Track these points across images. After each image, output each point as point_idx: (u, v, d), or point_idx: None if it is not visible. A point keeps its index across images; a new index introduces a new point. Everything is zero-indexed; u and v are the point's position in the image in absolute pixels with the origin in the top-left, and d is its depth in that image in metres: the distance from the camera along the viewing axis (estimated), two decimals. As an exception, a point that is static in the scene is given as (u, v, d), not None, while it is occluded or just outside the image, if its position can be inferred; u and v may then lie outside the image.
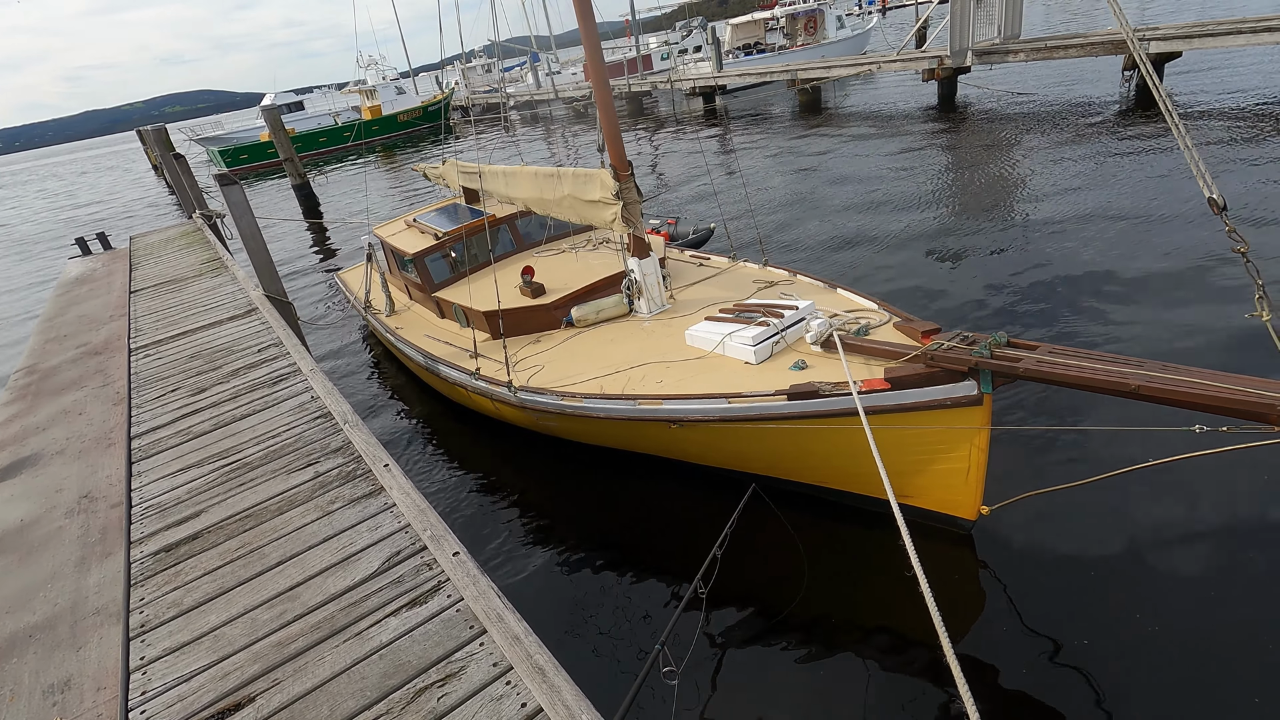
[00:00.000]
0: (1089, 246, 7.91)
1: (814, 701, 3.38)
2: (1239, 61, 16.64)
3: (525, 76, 44.26)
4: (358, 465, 3.85)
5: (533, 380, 5.18)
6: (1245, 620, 3.38)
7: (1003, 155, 12.54)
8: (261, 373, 5.40)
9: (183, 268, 9.74)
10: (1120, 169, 10.48)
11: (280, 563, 3.18)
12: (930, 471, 3.88)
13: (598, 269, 6.40)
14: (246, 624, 2.84)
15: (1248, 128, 11.32)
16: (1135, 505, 4.14)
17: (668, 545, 4.61)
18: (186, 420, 4.81)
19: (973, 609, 3.71)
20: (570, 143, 25.55)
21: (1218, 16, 17.48)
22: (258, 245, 7.79)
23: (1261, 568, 3.63)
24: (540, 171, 6.15)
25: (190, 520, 3.63)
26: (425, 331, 6.92)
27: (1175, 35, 14.22)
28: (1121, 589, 3.65)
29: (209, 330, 6.70)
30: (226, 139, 43.48)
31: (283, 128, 23.47)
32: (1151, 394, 2.81)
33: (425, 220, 7.81)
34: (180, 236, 12.31)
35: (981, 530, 4.12)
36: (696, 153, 18.56)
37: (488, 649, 2.52)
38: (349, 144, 38.27)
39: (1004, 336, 3.41)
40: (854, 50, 32.42)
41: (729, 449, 4.52)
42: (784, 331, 4.53)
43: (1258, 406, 2.57)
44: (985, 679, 3.33)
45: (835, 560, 4.18)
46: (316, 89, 51.03)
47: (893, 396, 3.62)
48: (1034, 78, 19.62)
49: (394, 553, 3.11)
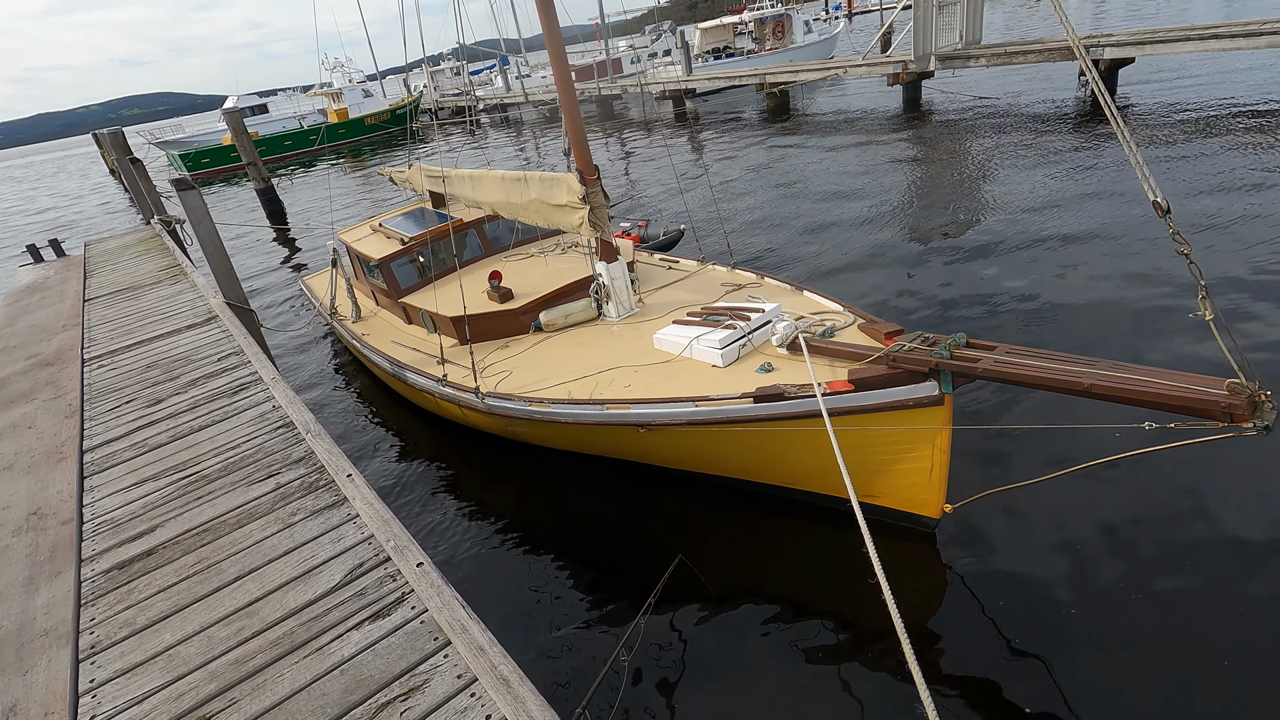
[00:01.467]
0: (1045, 248, 8.11)
1: (778, 697, 3.40)
2: (1189, 67, 17.21)
3: (494, 80, 43.99)
4: (320, 476, 3.78)
5: (500, 386, 5.14)
6: (1197, 610, 3.49)
7: (965, 158, 12.80)
8: (221, 382, 5.27)
9: (140, 275, 9.48)
10: (1075, 171, 10.76)
11: (239, 578, 3.10)
12: (894, 471, 3.93)
13: (566, 273, 6.38)
14: (203, 642, 2.77)
15: (1195, 131, 11.71)
16: (1091, 500, 4.25)
17: (635, 549, 4.60)
18: (142, 432, 4.68)
19: (936, 605, 3.76)
20: (541, 146, 25.46)
21: (1168, 24, 18.08)
22: (218, 251, 7.61)
23: (1209, 555, 3.74)
24: (507, 176, 6.11)
25: (144, 536, 3.53)
26: (392, 337, 6.83)
27: (1128, 42, 14.67)
28: (1079, 582, 3.74)
29: (167, 339, 6.52)
30: (187, 142, 42.45)
31: (245, 131, 23.00)
32: (1103, 393, 2.88)
33: (391, 225, 7.71)
34: (138, 243, 11.98)
35: (945, 528, 4.18)
36: (666, 156, 18.62)
37: (452, 661, 2.49)
38: (315, 148, 37.64)
39: (963, 338, 3.47)
40: (821, 55, 32.85)
41: (697, 452, 4.53)
42: (751, 334, 4.56)
43: (1202, 403, 2.65)
44: (946, 674, 3.38)
45: (804, 559, 4.21)
46: (280, 91, 50.09)
47: (856, 398, 3.66)
48: (995, 82, 20.07)
49: (357, 565, 3.06)
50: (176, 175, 9.31)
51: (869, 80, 24.89)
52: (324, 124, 39.23)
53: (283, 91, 49.98)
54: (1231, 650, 3.27)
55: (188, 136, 43.84)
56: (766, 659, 3.64)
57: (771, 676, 3.54)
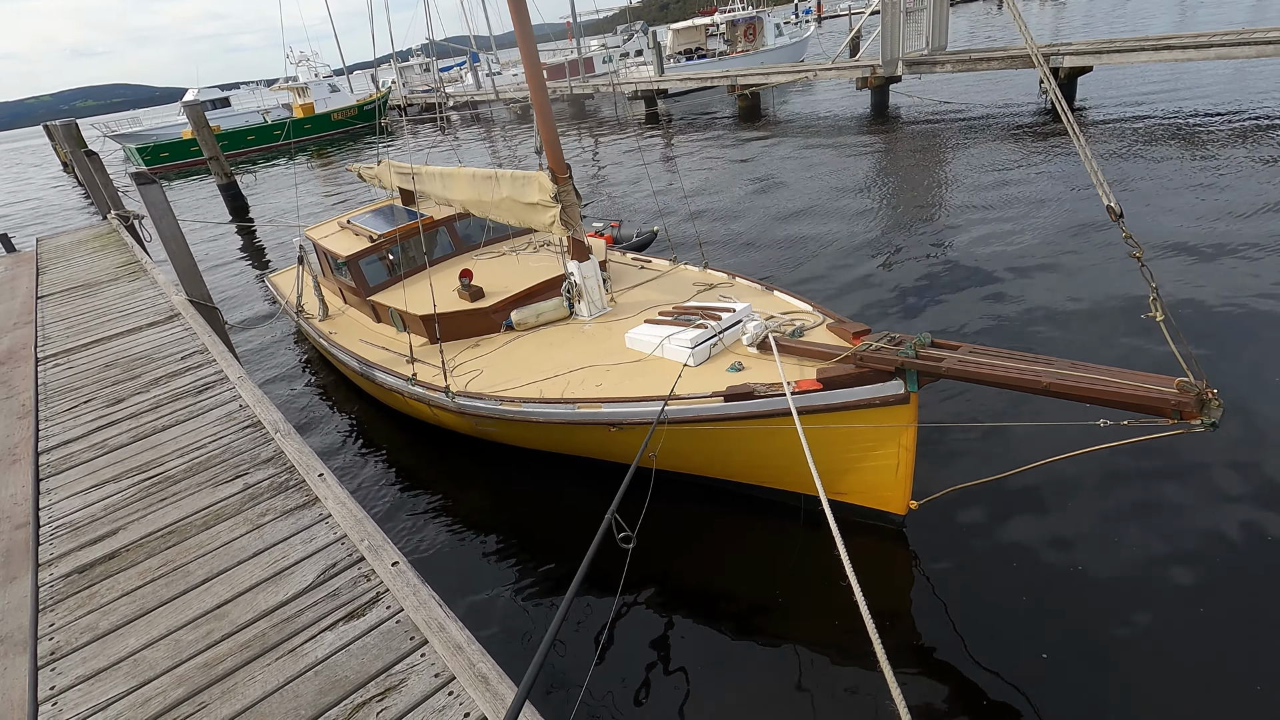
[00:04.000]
0: (1006, 250, 8.34)
1: (749, 694, 3.46)
2: (1144, 76, 17.81)
3: (465, 77, 43.56)
4: (290, 475, 3.73)
5: (471, 385, 5.12)
6: (1155, 599, 3.64)
7: (931, 162, 13.08)
8: (185, 381, 5.16)
9: (97, 271, 9.20)
10: (1037, 176, 11.08)
11: (206, 580, 3.05)
12: (861, 469, 4.02)
13: (538, 272, 6.37)
14: (169, 646, 2.72)
15: (1149, 137, 12.14)
16: (1051, 495, 4.40)
17: (607, 548, 4.62)
18: (102, 433, 4.55)
19: (904, 600, 3.86)
20: (512, 145, 25.30)
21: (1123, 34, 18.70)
22: (179, 247, 7.42)
23: (1164, 546, 3.91)
24: (478, 173, 6.08)
25: (106, 539, 3.44)
26: (360, 336, 6.74)
27: (1086, 51, 15.13)
28: (1040, 573, 3.87)
29: (126, 337, 6.35)
30: (145, 136, 41.22)
31: (207, 125, 22.39)
32: (1061, 391, 2.99)
33: (360, 222, 7.61)
34: (93, 239, 11.61)
35: (911, 524, 4.29)
36: (639, 156, 18.66)
37: (429, 659, 2.49)
38: (280, 143, 36.85)
39: (928, 337, 3.56)
40: (792, 58, 33.21)
41: (668, 450, 4.57)
42: (721, 334, 4.62)
43: (1154, 401, 2.77)
44: (915, 667, 3.48)
45: (773, 556, 4.28)
46: (244, 85, 48.91)
47: (824, 396, 3.74)
48: (960, 87, 20.52)
49: (330, 565, 3.03)
50: (135, 169, 9.03)
51: (838, 84, 25.24)
52: (289, 119, 38.42)
53: (246, 85, 48.79)
54: (1188, 636, 3.42)
55: (146, 129, 42.58)
56: (736, 656, 3.70)
57: (742, 673, 3.60)
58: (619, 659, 3.78)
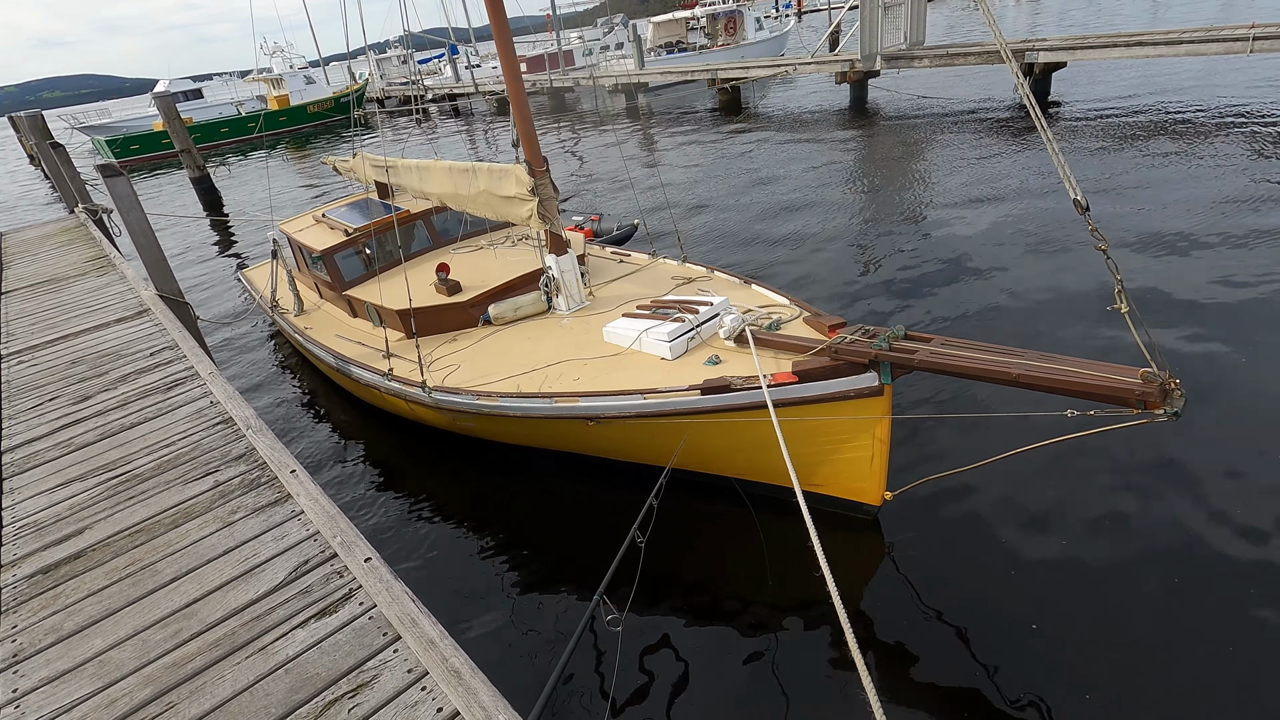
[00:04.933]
0: (980, 243, 8.44)
1: (723, 685, 3.48)
2: (1119, 72, 18.07)
3: (444, 69, 43.10)
4: (262, 472, 3.68)
5: (448, 380, 5.09)
6: (1125, 587, 3.71)
7: (908, 157, 13.18)
8: (154, 378, 5.07)
9: (63, 266, 9.00)
10: (1013, 170, 11.22)
11: (175, 579, 3.00)
12: (836, 460, 4.06)
13: (516, 266, 6.33)
14: (137, 646, 2.68)
15: (1120, 132, 12.34)
16: (1021, 484, 4.47)
17: (586, 541, 4.63)
18: (67, 431, 4.46)
19: (877, 589, 3.91)
20: (491, 138, 25.10)
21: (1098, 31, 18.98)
22: (149, 242, 7.27)
23: (1133, 533, 3.99)
24: (455, 166, 6.03)
25: (72, 538, 3.37)
26: (336, 331, 6.66)
27: (1060, 47, 15.33)
28: (1013, 562, 3.94)
29: (94, 333, 6.22)
30: (115, 128, 40.31)
31: (178, 116, 21.98)
32: (1030, 382, 3.04)
33: (335, 215, 7.51)
34: (60, 233, 11.35)
35: (886, 514, 4.34)
36: (619, 150, 18.61)
37: (402, 655, 2.47)
38: (254, 135, 36.23)
39: (901, 330, 3.60)
40: (772, 52, 33.29)
41: (645, 444, 4.58)
42: (699, 327, 4.63)
43: (1118, 391, 2.82)
44: (888, 657, 3.52)
45: (749, 549, 4.31)
46: (217, 76, 48.03)
47: (800, 389, 3.76)
48: (938, 82, 20.70)
49: (302, 562, 3.00)
50: (103, 161, 8.85)
51: (818, 78, 25.34)
52: (263, 111, 37.78)
53: (219, 76, 47.92)
54: (1161, 622, 3.50)
55: (115, 121, 41.66)
56: (710, 648, 3.72)
57: (715, 665, 3.62)
58: (585, 648, 3.79)
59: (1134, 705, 3.14)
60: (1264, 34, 12.33)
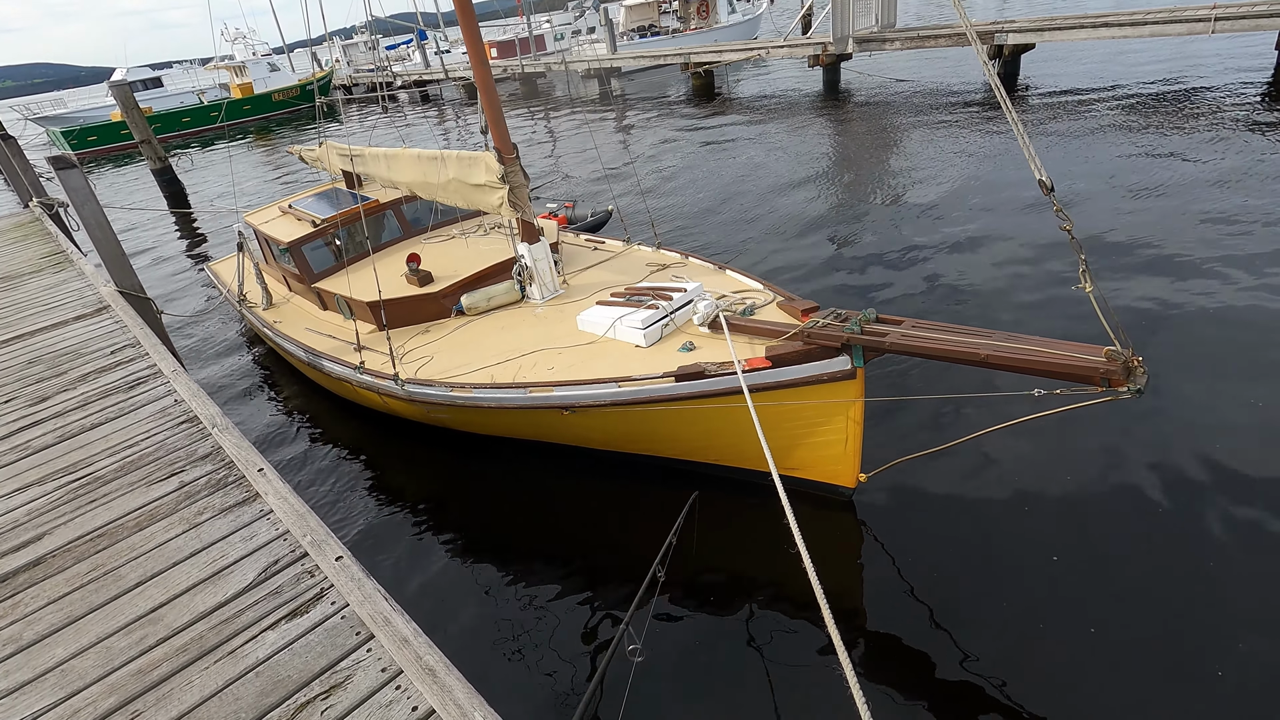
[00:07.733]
0: (950, 225, 8.51)
1: (702, 668, 3.50)
2: (1087, 53, 18.25)
3: (412, 55, 42.25)
4: (229, 472, 3.60)
5: (421, 372, 5.01)
6: (1097, 563, 3.79)
7: (880, 140, 13.23)
8: (115, 377, 4.92)
9: (17, 263, 8.70)
10: (985, 151, 11.30)
11: (140, 584, 2.93)
12: (811, 444, 4.08)
13: (488, 255, 6.25)
14: (100, 654, 2.61)
15: (1087, 112, 12.48)
16: (992, 463, 4.54)
17: (567, 534, 4.61)
18: (24, 434, 4.32)
19: (854, 569, 3.95)
20: (463, 126, 24.72)
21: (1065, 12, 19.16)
22: (106, 236, 7.04)
23: (1095, 511, 4.07)
24: (423, 154, 5.91)
25: (30, 545, 3.27)
26: (306, 324, 6.53)
27: (1029, 28, 15.44)
28: (986, 540, 4.00)
29: (51, 332, 6.03)
30: (71, 118, 38.99)
31: (137, 106, 21.25)
32: (998, 362, 3.07)
33: (302, 206, 7.34)
34: (13, 229, 10.97)
35: (861, 496, 4.38)
36: (591, 137, 18.43)
37: (375, 654, 2.44)
38: (217, 125, 35.28)
39: (873, 313, 3.61)
40: (745, 35, 33.10)
41: (621, 432, 4.56)
42: (673, 314, 4.61)
43: (1083, 370, 2.86)
44: (865, 637, 3.56)
45: (726, 533, 4.32)
46: (177, 64, 46.54)
47: (773, 374, 3.76)
48: (910, 65, 20.75)
49: (271, 562, 2.94)
50: (55, 153, 8.54)
51: (791, 62, 25.28)
52: (226, 99, 36.79)
53: (179, 64, 46.48)
54: (1134, 601, 3.58)
55: (71, 112, 40.29)
56: (688, 632, 3.73)
57: (694, 649, 3.64)
58: (564, 636, 3.78)
59: (1109, 681, 3.21)
60: (1224, 14, 12.57)
